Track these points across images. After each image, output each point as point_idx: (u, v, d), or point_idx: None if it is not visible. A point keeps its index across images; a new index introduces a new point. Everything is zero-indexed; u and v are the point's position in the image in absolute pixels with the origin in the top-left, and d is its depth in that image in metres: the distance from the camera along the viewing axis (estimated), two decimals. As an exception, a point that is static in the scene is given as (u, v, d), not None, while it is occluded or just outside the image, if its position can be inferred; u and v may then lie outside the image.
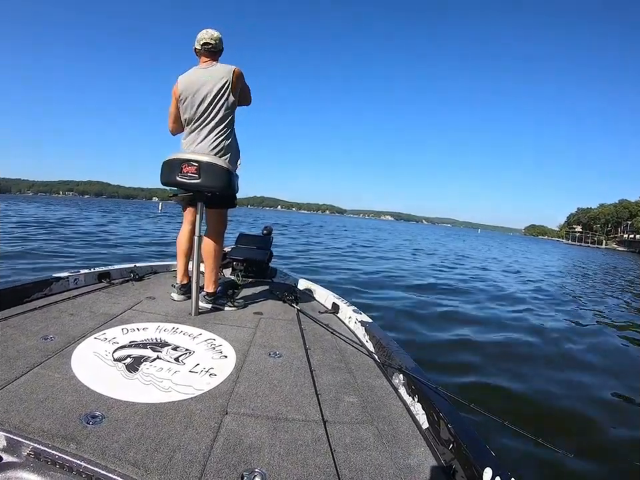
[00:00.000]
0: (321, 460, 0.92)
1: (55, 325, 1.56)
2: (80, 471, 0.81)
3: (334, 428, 1.06)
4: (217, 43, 1.94)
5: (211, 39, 1.91)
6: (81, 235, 9.76)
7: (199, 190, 1.85)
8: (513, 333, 3.82)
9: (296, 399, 1.20)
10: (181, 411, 1.05)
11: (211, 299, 2.02)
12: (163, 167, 1.88)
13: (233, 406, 1.12)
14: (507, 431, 1.06)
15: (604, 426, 2.06)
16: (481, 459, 0.86)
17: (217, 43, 1.94)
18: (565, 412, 2.20)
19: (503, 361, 2.91)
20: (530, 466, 1.61)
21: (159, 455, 0.86)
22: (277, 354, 1.53)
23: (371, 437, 1.04)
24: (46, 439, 0.86)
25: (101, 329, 1.58)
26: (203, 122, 1.90)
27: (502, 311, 4.87)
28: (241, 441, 0.96)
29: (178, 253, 2.16)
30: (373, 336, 1.72)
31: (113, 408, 1.02)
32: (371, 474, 0.89)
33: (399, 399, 1.28)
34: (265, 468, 0.86)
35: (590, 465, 1.72)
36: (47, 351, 1.32)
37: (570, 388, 2.54)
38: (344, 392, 1.28)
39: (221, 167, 1.81)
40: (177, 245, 2.16)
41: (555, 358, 3.18)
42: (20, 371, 1.15)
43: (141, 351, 1.39)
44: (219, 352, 1.48)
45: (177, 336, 1.58)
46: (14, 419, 0.92)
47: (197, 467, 0.84)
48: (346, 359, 1.57)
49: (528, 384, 2.54)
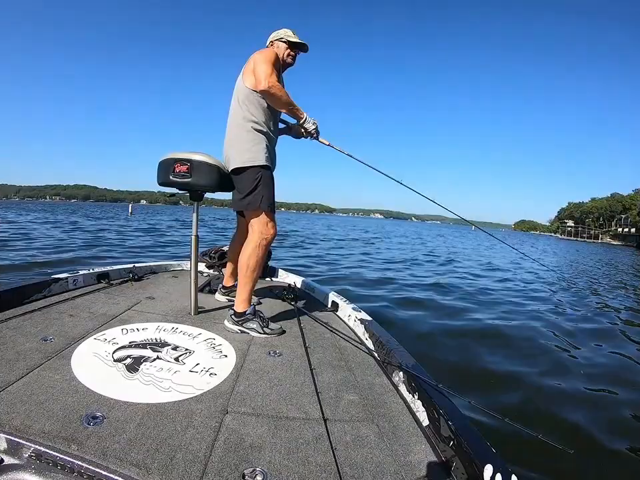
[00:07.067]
0: (322, 458, 0.92)
1: (54, 326, 1.56)
2: (81, 472, 0.81)
3: (334, 426, 1.06)
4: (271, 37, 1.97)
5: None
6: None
7: (191, 189, 1.84)
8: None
9: (296, 397, 1.20)
10: (181, 411, 1.05)
11: (239, 321, 1.74)
12: (159, 168, 1.87)
13: (234, 405, 1.12)
14: (508, 427, 1.06)
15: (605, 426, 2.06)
16: (482, 456, 0.86)
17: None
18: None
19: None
20: (530, 463, 1.62)
21: (160, 455, 0.86)
22: (276, 353, 1.53)
23: (371, 435, 1.04)
24: (47, 441, 0.86)
25: (101, 329, 1.57)
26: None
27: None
28: (242, 440, 0.96)
29: (229, 256, 2.26)
30: (373, 334, 1.73)
31: (114, 408, 1.02)
32: (371, 471, 0.90)
33: (399, 397, 1.28)
34: (266, 467, 0.87)
35: (590, 461, 1.72)
36: (46, 352, 1.31)
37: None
38: (344, 390, 1.28)
39: (211, 164, 1.78)
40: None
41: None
42: (20, 373, 1.15)
43: (141, 351, 1.39)
44: (219, 351, 1.48)
45: (177, 336, 1.58)
46: (15, 421, 0.91)
47: (198, 466, 0.85)
48: (346, 357, 1.57)
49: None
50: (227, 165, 1.84)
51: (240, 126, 1.80)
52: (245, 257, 1.78)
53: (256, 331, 1.72)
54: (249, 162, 1.77)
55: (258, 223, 1.79)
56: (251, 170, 1.77)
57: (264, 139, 1.81)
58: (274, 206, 1.84)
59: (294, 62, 1.97)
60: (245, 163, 1.77)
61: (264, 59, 1.71)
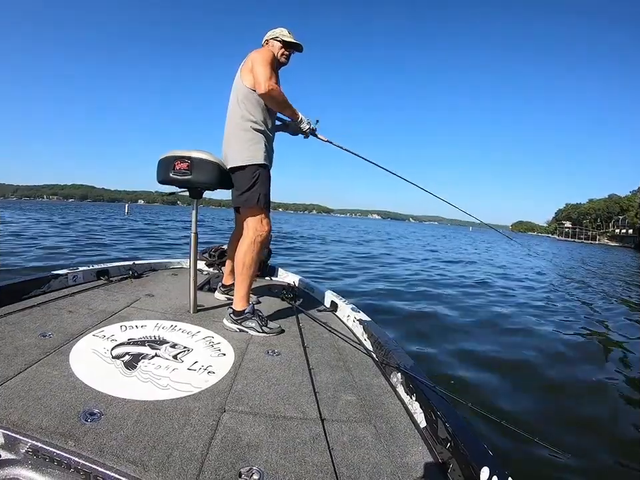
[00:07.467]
0: (319, 458, 0.92)
1: (53, 322, 1.56)
2: (78, 468, 0.81)
3: (332, 426, 1.06)
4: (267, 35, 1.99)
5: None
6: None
7: (191, 186, 1.84)
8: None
9: (294, 397, 1.20)
10: (179, 409, 1.05)
11: (237, 319, 1.74)
12: (159, 165, 1.87)
13: (231, 404, 1.12)
14: (505, 430, 1.06)
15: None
16: (478, 458, 0.86)
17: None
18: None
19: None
20: (527, 465, 1.62)
21: (157, 453, 0.86)
22: (275, 352, 1.53)
23: (368, 435, 1.04)
24: (44, 436, 0.86)
25: (100, 326, 1.58)
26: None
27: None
28: (239, 438, 0.96)
29: (227, 254, 2.27)
30: (371, 334, 1.73)
31: (111, 405, 1.02)
32: (368, 472, 0.90)
33: (396, 398, 1.28)
34: (262, 466, 0.87)
35: (586, 464, 1.72)
36: (45, 348, 1.31)
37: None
38: (342, 390, 1.28)
39: (212, 162, 1.78)
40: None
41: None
42: (18, 368, 1.15)
43: (140, 349, 1.39)
44: (218, 350, 1.48)
45: (176, 333, 1.58)
46: (12, 416, 0.91)
47: (195, 464, 0.85)
48: (344, 357, 1.57)
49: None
50: (226, 163, 1.85)
51: (238, 125, 1.82)
52: (241, 255, 1.79)
53: (254, 329, 1.72)
54: (248, 160, 1.79)
55: (253, 220, 1.81)
56: (249, 168, 1.79)
57: (262, 138, 1.83)
58: (269, 204, 1.87)
59: (288, 61, 1.98)
60: (244, 162, 1.79)
61: (262, 61, 1.72)
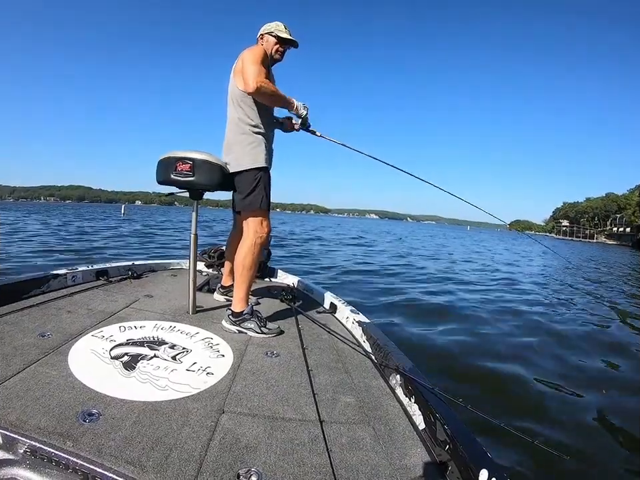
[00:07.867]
0: (317, 460, 0.92)
1: (52, 322, 1.56)
2: (76, 469, 0.81)
3: (330, 428, 1.06)
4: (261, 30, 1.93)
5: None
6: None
7: (193, 188, 1.84)
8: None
9: (293, 398, 1.20)
10: (177, 410, 1.05)
11: (236, 321, 1.73)
12: (158, 166, 1.86)
13: (230, 405, 1.12)
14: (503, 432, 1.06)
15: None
16: (477, 460, 0.86)
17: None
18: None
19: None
20: (526, 468, 1.62)
21: (155, 454, 0.86)
22: (274, 353, 1.53)
23: (367, 437, 1.04)
24: (42, 437, 0.86)
25: (99, 326, 1.57)
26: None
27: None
28: (238, 440, 0.96)
29: (226, 256, 2.27)
30: (370, 336, 1.73)
31: (110, 406, 1.02)
32: (367, 474, 0.89)
33: (395, 400, 1.28)
34: (261, 467, 0.86)
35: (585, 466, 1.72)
36: (44, 348, 1.31)
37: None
38: (341, 392, 1.28)
39: (214, 163, 1.78)
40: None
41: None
42: (17, 368, 1.15)
43: (138, 349, 1.39)
44: (216, 351, 1.48)
45: (175, 334, 1.58)
46: (10, 416, 0.91)
47: (193, 465, 0.84)
48: (343, 359, 1.57)
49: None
50: (227, 167, 1.84)
51: (238, 128, 1.83)
52: (241, 256, 1.79)
53: (253, 330, 1.72)
54: (249, 164, 1.80)
55: (253, 222, 1.82)
56: (251, 172, 1.80)
57: (262, 140, 1.83)
58: (269, 206, 1.88)
59: (282, 58, 1.95)
60: (246, 166, 1.80)
61: (251, 59, 1.70)
